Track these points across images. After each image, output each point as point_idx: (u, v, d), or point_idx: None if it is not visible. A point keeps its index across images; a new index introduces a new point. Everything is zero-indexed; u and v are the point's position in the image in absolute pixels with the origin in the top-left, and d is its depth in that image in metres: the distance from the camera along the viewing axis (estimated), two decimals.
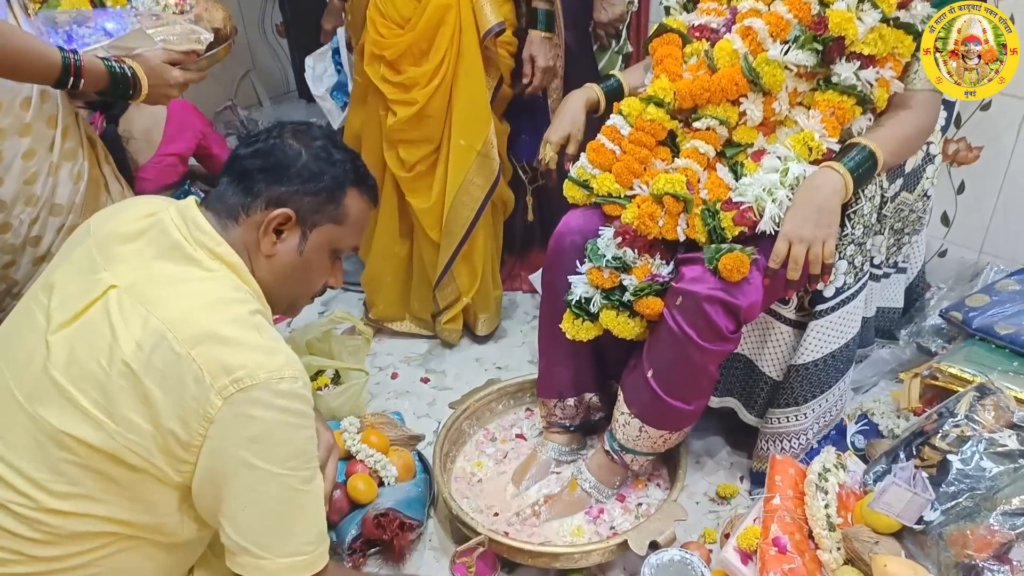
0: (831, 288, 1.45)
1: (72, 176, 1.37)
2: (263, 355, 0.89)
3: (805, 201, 1.33)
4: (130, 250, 0.96)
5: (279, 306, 1.07)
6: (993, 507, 1.29)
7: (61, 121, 1.34)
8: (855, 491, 1.48)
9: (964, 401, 1.46)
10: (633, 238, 1.44)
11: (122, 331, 0.88)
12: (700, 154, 1.43)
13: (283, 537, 0.93)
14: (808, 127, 1.38)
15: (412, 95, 1.86)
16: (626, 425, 1.52)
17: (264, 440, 0.89)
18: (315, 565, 0.95)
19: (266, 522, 0.91)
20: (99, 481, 0.89)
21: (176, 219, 0.97)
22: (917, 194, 1.62)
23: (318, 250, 1.05)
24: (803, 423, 1.57)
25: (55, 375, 0.89)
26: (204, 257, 0.95)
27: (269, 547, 0.92)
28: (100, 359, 0.88)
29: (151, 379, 0.86)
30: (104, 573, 0.94)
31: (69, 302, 0.93)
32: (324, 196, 1.02)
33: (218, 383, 0.86)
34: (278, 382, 0.88)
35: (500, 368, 2.11)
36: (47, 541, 0.90)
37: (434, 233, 2.03)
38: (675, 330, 1.37)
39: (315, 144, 1.03)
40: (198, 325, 0.88)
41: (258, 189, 0.99)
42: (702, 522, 1.63)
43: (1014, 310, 1.73)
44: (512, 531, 1.56)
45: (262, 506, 0.90)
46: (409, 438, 1.76)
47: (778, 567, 1.35)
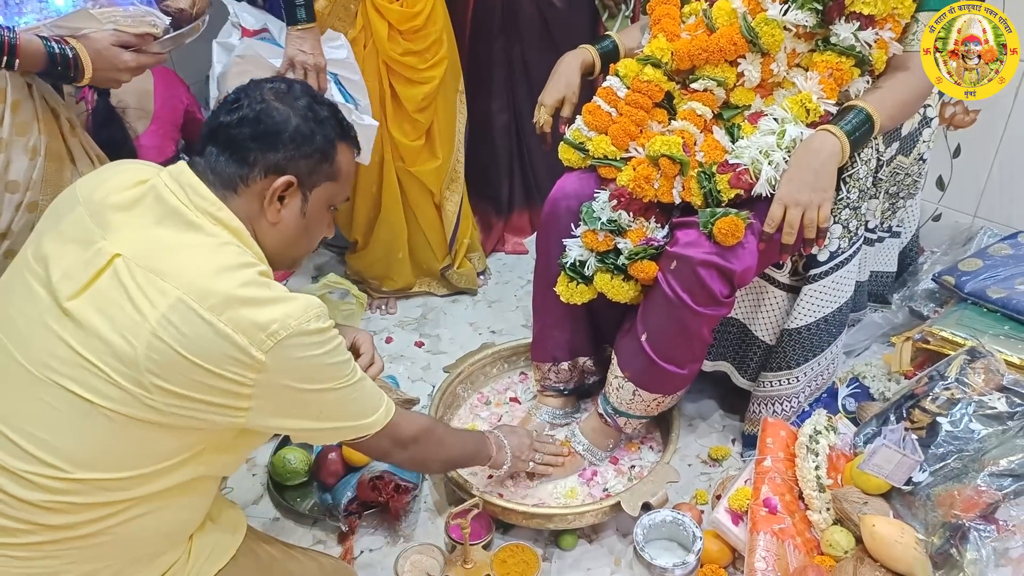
0: (825, 252, 1.45)
1: (27, 151, 1.32)
2: (286, 305, 0.93)
3: (801, 165, 1.32)
4: (127, 217, 0.95)
5: (283, 264, 1.09)
6: (981, 468, 1.30)
7: (11, 95, 1.28)
8: (845, 453, 1.50)
9: (955, 364, 1.47)
10: (628, 201, 1.43)
11: (144, 305, 0.89)
12: (697, 116, 1.41)
13: (365, 407, 1.06)
14: (806, 89, 1.36)
15: (438, 57, 1.88)
16: (620, 388, 1.53)
17: (312, 373, 0.96)
18: (390, 410, 1.10)
19: (344, 407, 1.03)
20: (124, 446, 0.91)
21: (171, 185, 0.96)
22: (913, 158, 1.61)
23: (318, 208, 1.06)
24: (795, 386, 1.59)
25: (77, 347, 0.89)
26: (206, 223, 0.95)
27: (361, 415, 1.06)
28: (126, 334, 0.88)
29: (188, 349, 0.88)
30: (112, 541, 0.95)
31: (73, 273, 0.93)
32: (319, 156, 1.02)
33: (255, 339, 0.90)
34: (307, 323, 0.93)
35: (494, 332, 2.11)
36: (62, 510, 0.91)
37: (439, 193, 2.07)
38: (669, 294, 1.38)
39: (300, 104, 1.02)
40: (219, 292, 0.90)
41: (253, 158, 0.98)
42: (694, 484, 1.65)
43: (1006, 274, 1.74)
44: (506, 493, 1.58)
45: (335, 404, 1.01)
46: (404, 401, 1.76)
47: (768, 527, 1.37)
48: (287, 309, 0.92)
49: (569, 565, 1.49)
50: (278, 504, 1.61)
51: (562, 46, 1.91)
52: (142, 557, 1.00)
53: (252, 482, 1.67)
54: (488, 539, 1.50)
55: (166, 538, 1.02)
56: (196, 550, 1.07)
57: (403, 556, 1.45)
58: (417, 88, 1.89)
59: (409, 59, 1.85)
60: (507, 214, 2.42)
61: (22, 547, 0.91)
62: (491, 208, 2.37)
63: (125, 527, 0.95)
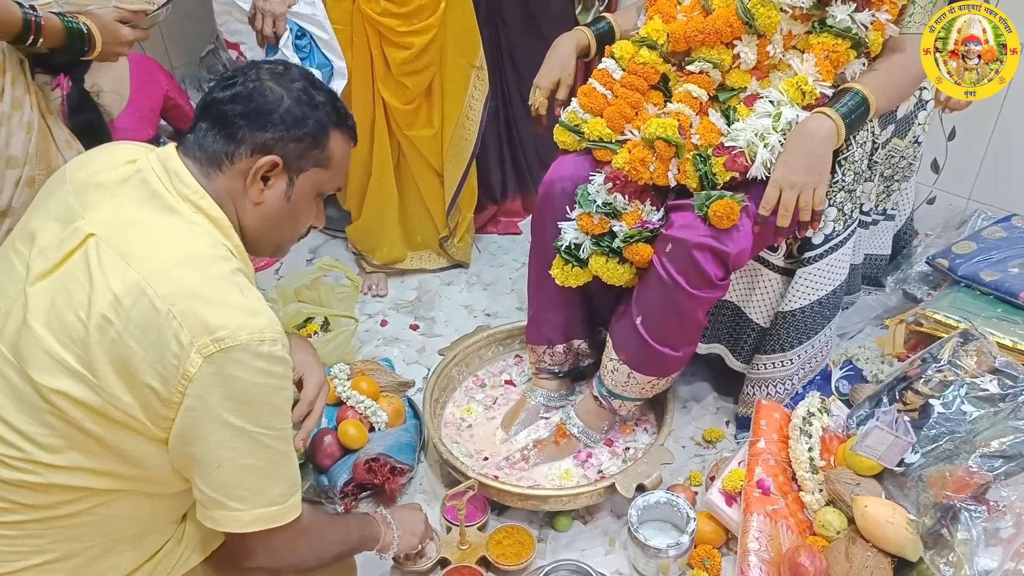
0: (820, 235, 1.45)
1: (23, 125, 1.34)
2: (245, 316, 0.88)
3: (797, 147, 1.32)
4: (108, 197, 0.94)
5: (266, 250, 1.06)
6: (972, 449, 1.32)
7: (9, 69, 1.31)
8: (838, 435, 1.51)
9: (948, 347, 1.48)
10: (624, 183, 1.43)
11: (100, 283, 0.87)
12: (693, 98, 1.41)
13: (257, 491, 0.94)
14: (802, 71, 1.36)
15: (425, 23, 1.84)
16: (614, 371, 1.53)
17: (242, 400, 0.89)
18: (287, 515, 0.97)
19: (241, 477, 0.92)
20: (84, 435, 0.89)
21: (157, 169, 0.95)
22: (908, 140, 1.61)
23: (305, 194, 1.03)
24: (789, 369, 1.59)
25: (35, 327, 0.88)
26: (186, 209, 0.93)
27: (244, 499, 0.93)
28: (79, 311, 0.87)
29: (129, 334, 0.85)
30: (97, 521, 0.94)
31: (48, 252, 0.91)
32: (309, 141, 1.00)
33: (199, 341, 0.85)
34: (259, 344, 0.87)
35: (489, 315, 2.11)
36: (39, 490, 0.90)
37: (436, 161, 2.06)
38: (664, 277, 1.38)
39: (295, 86, 0.99)
40: (179, 281, 0.87)
41: (241, 135, 0.96)
42: (688, 465, 1.66)
43: (1000, 257, 1.75)
44: (501, 475, 1.58)
45: (237, 462, 0.91)
46: (399, 384, 1.78)
47: (761, 508, 1.38)
48: (243, 320, 0.87)
49: (564, 546, 1.51)
50: None
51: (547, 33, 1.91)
52: (128, 538, 0.98)
53: None
54: (483, 521, 1.51)
55: (152, 520, 1.00)
56: (189, 531, 1.06)
57: None
58: (399, 51, 1.87)
59: (389, 20, 1.82)
60: (500, 200, 2.42)
61: (5, 525, 0.90)
62: (484, 194, 2.37)
63: (108, 508, 0.94)
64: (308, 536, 1.03)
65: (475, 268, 2.29)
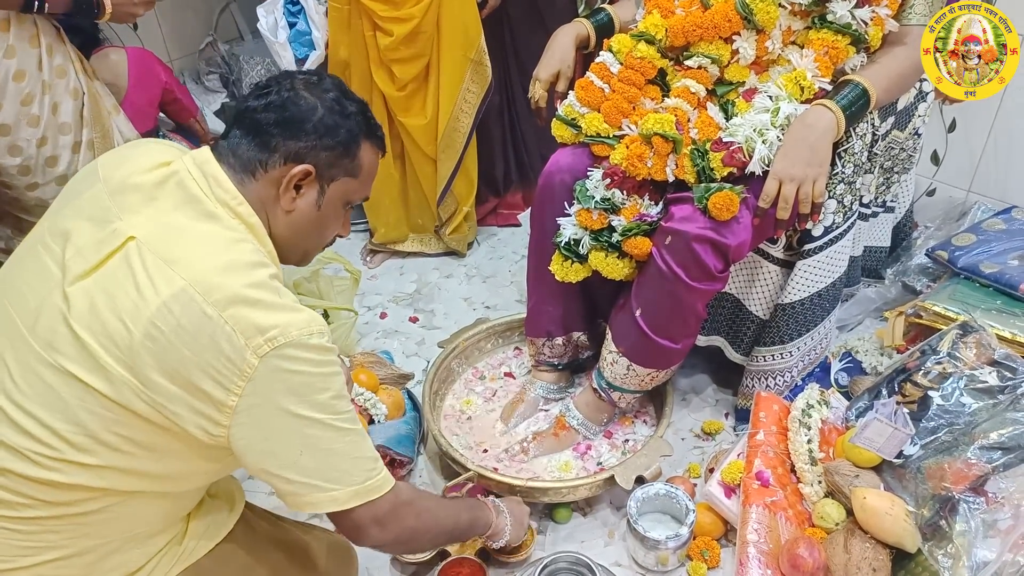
0: (820, 227, 1.45)
1: (70, 92, 1.38)
2: (290, 314, 0.91)
3: (797, 140, 1.32)
4: (146, 200, 0.94)
5: (293, 257, 1.08)
6: (971, 441, 1.32)
7: (43, 39, 1.35)
8: (837, 427, 1.51)
9: (947, 339, 1.48)
10: (622, 179, 1.43)
11: (148, 290, 0.88)
12: (691, 93, 1.40)
13: (346, 470, 0.96)
14: (801, 66, 1.36)
15: (407, 11, 1.84)
16: (614, 363, 1.53)
17: (303, 390, 0.91)
18: (384, 485, 1.00)
19: (327, 460, 0.95)
20: (118, 436, 0.90)
21: (195, 172, 0.96)
22: (908, 132, 1.60)
23: (334, 203, 1.05)
24: (788, 361, 1.59)
25: (77, 329, 0.89)
26: (225, 215, 0.95)
27: (338, 479, 0.95)
28: (124, 318, 0.88)
29: (181, 341, 0.87)
30: (112, 519, 0.95)
31: (86, 252, 0.92)
32: (340, 150, 1.01)
33: (253, 342, 0.87)
34: (308, 337, 0.90)
35: (488, 307, 2.11)
36: (63, 489, 0.91)
37: (430, 149, 2.07)
38: (664, 269, 1.38)
39: (328, 96, 1.01)
40: (225, 288, 0.88)
41: (275, 144, 0.98)
42: (687, 457, 1.66)
43: (999, 249, 1.74)
44: (501, 467, 1.59)
45: (319, 447, 0.94)
46: (399, 376, 1.78)
47: (760, 500, 1.38)
48: (291, 318, 0.90)
49: (563, 538, 1.51)
50: None
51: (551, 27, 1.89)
52: (140, 535, 1.00)
53: None
54: None
55: (165, 518, 1.02)
56: (192, 528, 1.07)
57: None
58: (384, 37, 1.87)
59: (374, 4, 1.84)
60: (503, 193, 2.42)
61: (23, 520, 0.91)
62: (486, 187, 2.37)
63: (124, 507, 0.95)
64: (413, 507, 1.05)
65: (474, 260, 2.29)
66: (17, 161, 1.38)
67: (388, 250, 2.29)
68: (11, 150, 1.37)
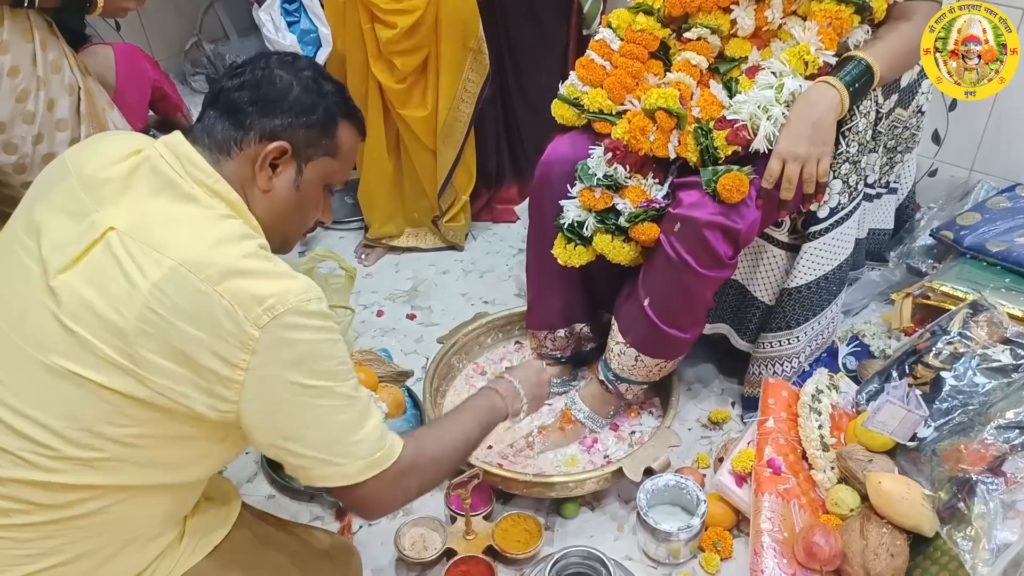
0: (825, 208, 1.42)
1: (66, 88, 1.36)
2: (287, 281, 0.89)
3: (800, 118, 1.29)
4: (120, 189, 0.92)
5: (274, 242, 1.05)
6: (987, 421, 1.29)
7: (36, 33, 1.32)
8: (848, 412, 1.49)
9: (957, 318, 1.45)
10: (624, 154, 1.39)
11: (136, 275, 0.86)
12: (692, 66, 1.37)
13: (356, 441, 0.95)
14: (804, 40, 1.33)
15: (410, 2, 1.81)
16: (621, 355, 1.50)
17: (308, 359, 0.90)
18: (391, 455, 0.98)
19: (336, 432, 0.93)
20: (119, 427, 0.88)
21: (167, 156, 0.94)
22: (912, 110, 1.58)
23: (313, 185, 1.02)
24: (795, 346, 1.56)
25: (69, 323, 0.87)
26: (202, 194, 0.93)
27: (347, 452, 0.94)
28: (118, 307, 0.86)
29: (181, 319, 0.85)
30: (111, 520, 0.93)
31: (65, 246, 0.90)
32: (318, 129, 1.00)
33: (251, 314, 0.86)
34: (307, 303, 0.89)
35: (487, 303, 2.08)
36: (59, 490, 0.88)
37: (430, 141, 2.04)
38: (673, 257, 1.34)
39: (304, 75, 1.00)
40: (216, 263, 0.87)
41: (250, 122, 0.96)
42: (695, 448, 1.63)
43: (1005, 227, 1.72)
44: (506, 463, 1.55)
45: (326, 419, 0.93)
46: (398, 374, 1.74)
47: (773, 487, 1.35)
48: (287, 285, 0.88)
49: (572, 533, 1.48)
50: (273, 481, 1.58)
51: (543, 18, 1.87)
52: (139, 538, 0.97)
53: (246, 459, 1.63)
54: (489, 510, 1.48)
55: (164, 519, 0.99)
56: (189, 531, 1.04)
57: (403, 530, 1.42)
58: (386, 30, 1.84)
59: None
60: (496, 186, 2.39)
61: (19, 528, 0.88)
62: (479, 180, 2.34)
63: (122, 507, 0.92)
64: (420, 461, 1.03)
65: (470, 255, 2.26)
66: (12, 159, 1.36)
67: (383, 246, 2.25)
68: (6, 148, 1.34)
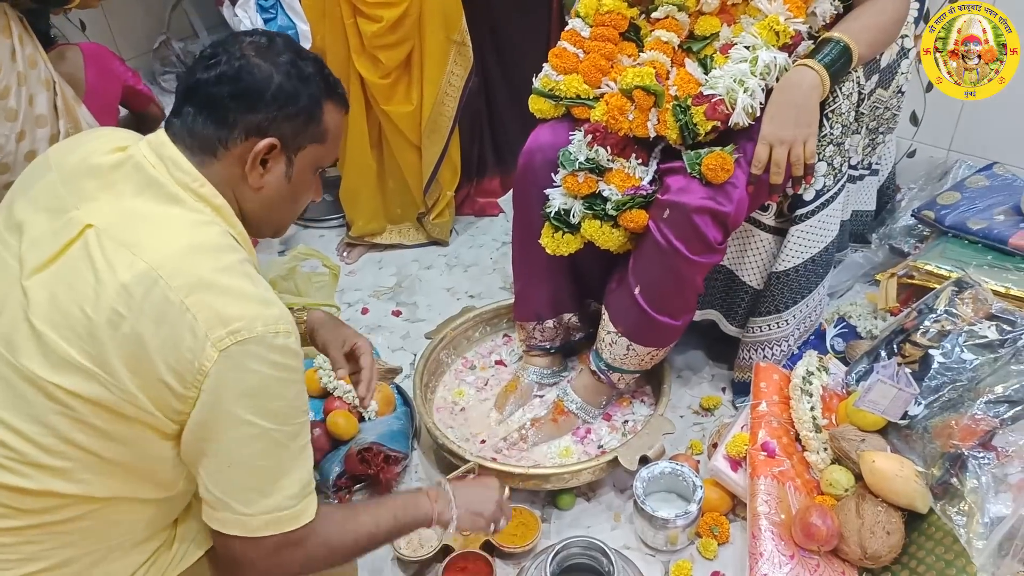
0: (811, 191, 1.42)
1: (43, 83, 1.34)
2: (259, 306, 0.85)
3: (782, 102, 1.29)
4: (102, 186, 0.89)
5: (267, 231, 1.03)
6: (976, 397, 1.30)
7: (14, 28, 1.30)
8: (838, 392, 1.49)
9: (943, 296, 1.46)
10: (604, 136, 1.38)
11: (107, 275, 0.82)
12: (664, 43, 1.37)
13: (267, 493, 0.88)
14: (771, 11, 1.33)
15: None
16: (613, 344, 1.49)
17: (258, 395, 0.85)
18: (298, 519, 0.91)
19: (252, 479, 0.88)
20: (92, 435, 0.84)
21: (150, 157, 0.90)
22: (892, 91, 1.58)
23: (304, 172, 0.99)
24: (784, 330, 1.57)
25: (36, 323, 0.83)
26: (188, 197, 0.89)
27: (253, 503, 0.88)
28: (84, 306, 0.82)
29: (142, 326, 0.81)
30: (93, 527, 0.90)
31: (42, 244, 0.87)
32: (304, 117, 0.95)
33: (214, 334, 0.82)
34: (274, 336, 0.85)
35: (472, 296, 2.06)
36: (35, 496, 0.85)
37: (414, 136, 2.01)
38: (662, 244, 1.34)
39: (282, 60, 0.94)
40: (190, 272, 0.83)
41: (233, 119, 0.91)
42: (688, 435, 1.63)
43: (984, 205, 1.74)
44: (500, 457, 1.54)
45: (249, 463, 0.87)
46: (386, 371, 1.72)
47: (768, 470, 1.36)
48: (258, 311, 0.84)
49: (568, 524, 1.47)
50: None
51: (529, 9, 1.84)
52: (124, 544, 0.94)
53: None
54: None
55: (149, 525, 0.96)
56: (180, 535, 1.02)
57: None
58: (371, 24, 1.81)
59: None
60: (478, 178, 2.36)
61: (2, 532, 0.85)
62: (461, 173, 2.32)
63: (105, 513, 0.89)
64: (309, 545, 0.94)
65: (454, 250, 2.24)
66: None
67: (366, 243, 2.22)
68: None
